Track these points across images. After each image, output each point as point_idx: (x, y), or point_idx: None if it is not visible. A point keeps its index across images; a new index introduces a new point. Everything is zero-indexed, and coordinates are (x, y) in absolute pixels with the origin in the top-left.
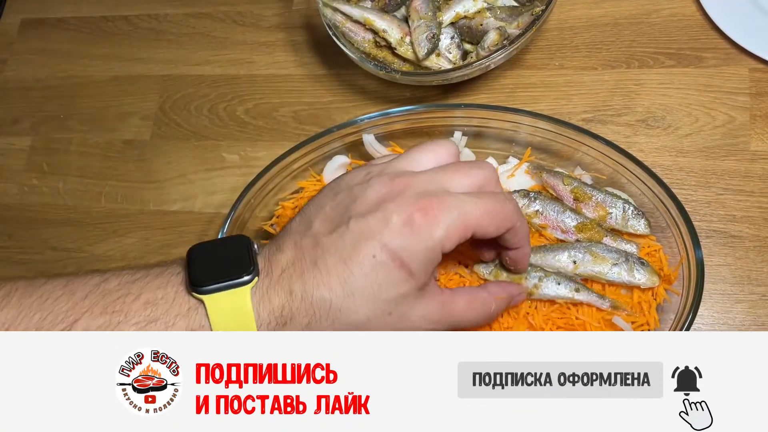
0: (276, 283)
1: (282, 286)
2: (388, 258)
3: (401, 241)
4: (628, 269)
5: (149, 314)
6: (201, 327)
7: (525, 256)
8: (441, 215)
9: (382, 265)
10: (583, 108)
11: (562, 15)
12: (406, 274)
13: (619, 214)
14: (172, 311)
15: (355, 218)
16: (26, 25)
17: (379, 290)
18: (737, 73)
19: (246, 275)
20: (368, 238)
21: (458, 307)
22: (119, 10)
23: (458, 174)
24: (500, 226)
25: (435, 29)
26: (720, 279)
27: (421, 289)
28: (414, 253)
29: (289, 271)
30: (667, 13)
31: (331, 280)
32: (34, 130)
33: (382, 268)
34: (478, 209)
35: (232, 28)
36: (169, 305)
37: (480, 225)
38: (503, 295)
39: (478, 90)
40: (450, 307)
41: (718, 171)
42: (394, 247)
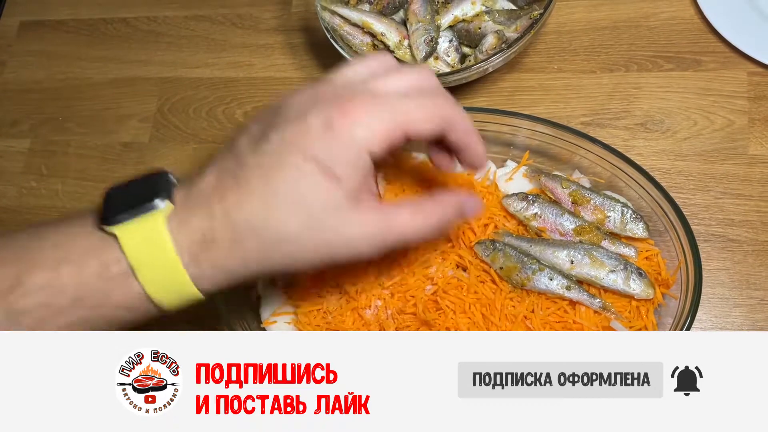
0: (195, 207)
1: (201, 209)
2: (311, 166)
3: (322, 146)
4: (625, 278)
5: (60, 255)
6: (117, 261)
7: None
8: (363, 115)
9: (306, 174)
10: (582, 111)
11: (561, 18)
12: (331, 181)
13: (618, 217)
14: (82, 248)
15: (276, 129)
16: (25, 27)
17: (305, 201)
18: (736, 77)
19: (156, 200)
20: (289, 147)
21: (401, 220)
22: (118, 12)
23: (390, 76)
24: (434, 123)
25: (433, 32)
26: (718, 283)
27: (354, 200)
28: (337, 158)
29: (209, 192)
30: (666, 16)
31: (253, 195)
32: (33, 132)
33: (304, 178)
34: (405, 105)
35: (230, 30)
36: (78, 243)
37: (410, 122)
38: (452, 202)
39: (477, 93)
40: (392, 220)
41: (716, 175)
42: (315, 153)
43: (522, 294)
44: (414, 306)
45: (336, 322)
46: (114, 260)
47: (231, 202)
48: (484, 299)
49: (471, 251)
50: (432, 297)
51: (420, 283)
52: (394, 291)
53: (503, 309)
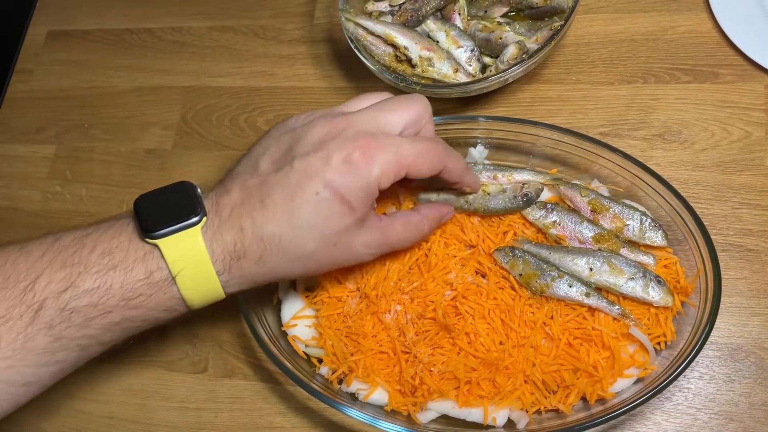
0: (226, 222)
1: (232, 224)
2: (330, 194)
3: (341, 178)
4: (644, 285)
5: (107, 262)
6: (159, 269)
7: (470, 184)
8: (377, 154)
9: (325, 201)
10: (600, 122)
11: (580, 31)
12: (347, 209)
13: (637, 225)
14: (129, 257)
15: (299, 157)
16: (52, 36)
17: (323, 224)
18: (753, 90)
19: (194, 216)
20: (312, 175)
21: (395, 232)
22: (143, 23)
23: (395, 109)
24: (432, 166)
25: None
26: (736, 292)
27: (362, 221)
28: (353, 189)
29: (238, 209)
30: (684, 29)
31: (278, 216)
32: (58, 138)
33: (325, 204)
34: (412, 150)
35: (253, 41)
36: (125, 252)
37: (413, 164)
38: (434, 215)
39: (496, 103)
40: (388, 233)
41: (734, 185)
42: (335, 184)
43: (541, 300)
44: (433, 311)
45: (356, 326)
46: (156, 268)
47: (258, 220)
48: (503, 305)
49: (490, 258)
50: (451, 302)
51: (439, 289)
52: (413, 296)
53: (522, 315)
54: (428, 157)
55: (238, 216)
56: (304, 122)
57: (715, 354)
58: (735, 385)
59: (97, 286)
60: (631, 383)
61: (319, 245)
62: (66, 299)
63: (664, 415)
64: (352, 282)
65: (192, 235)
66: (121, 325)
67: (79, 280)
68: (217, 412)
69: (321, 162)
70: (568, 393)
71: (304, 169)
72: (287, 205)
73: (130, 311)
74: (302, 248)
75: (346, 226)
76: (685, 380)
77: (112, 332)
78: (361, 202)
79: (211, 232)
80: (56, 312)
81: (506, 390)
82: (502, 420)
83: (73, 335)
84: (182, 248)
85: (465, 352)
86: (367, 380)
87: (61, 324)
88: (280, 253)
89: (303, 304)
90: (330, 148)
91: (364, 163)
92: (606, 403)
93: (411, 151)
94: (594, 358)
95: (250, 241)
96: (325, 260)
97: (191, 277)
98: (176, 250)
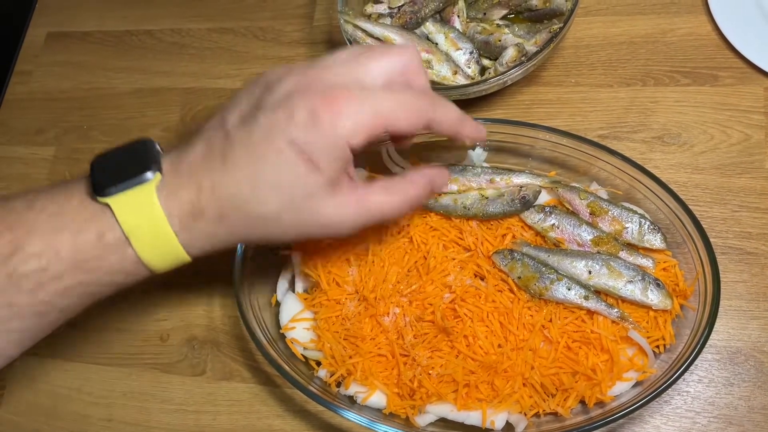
0: (184, 179)
1: (190, 181)
2: (293, 153)
3: (305, 135)
4: (643, 288)
5: (55, 224)
6: (110, 229)
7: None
8: (346, 108)
9: (287, 160)
10: (599, 125)
11: (579, 33)
12: (312, 169)
13: (636, 228)
14: (79, 218)
15: (264, 112)
16: (52, 37)
17: (286, 185)
18: (753, 93)
19: (148, 172)
20: (275, 132)
21: (375, 199)
22: (143, 24)
23: (375, 58)
24: (413, 121)
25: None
26: (735, 295)
27: (332, 185)
28: (319, 147)
29: (198, 165)
30: (683, 32)
31: (238, 174)
32: (58, 140)
33: (288, 163)
34: (389, 102)
35: (253, 43)
36: (75, 213)
37: (391, 119)
38: (422, 179)
39: (495, 106)
40: (366, 201)
41: (733, 188)
42: (299, 142)
43: (540, 303)
44: (432, 314)
45: (354, 329)
46: (108, 228)
47: (218, 178)
48: (502, 308)
49: (489, 260)
50: (450, 305)
51: (438, 291)
52: (412, 298)
53: (521, 318)
54: (410, 109)
55: (197, 173)
56: (278, 75)
57: (714, 357)
58: (734, 388)
59: (44, 249)
60: (629, 386)
61: (282, 207)
62: (14, 264)
63: (663, 419)
64: (351, 284)
65: (145, 192)
66: (77, 290)
67: (25, 244)
68: (216, 415)
69: (285, 117)
70: (566, 396)
71: (267, 125)
72: (248, 164)
73: (84, 275)
74: (264, 209)
75: (312, 188)
76: (684, 384)
77: (69, 298)
78: (328, 162)
79: (168, 190)
80: (4, 278)
81: (505, 393)
82: (500, 423)
83: (26, 302)
84: (135, 207)
85: (463, 355)
86: (365, 383)
87: (10, 290)
88: (240, 213)
89: (301, 306)
90: (295, 101)
91: (330, 117)
92: (605, 407)
93: (387, 103)
94: (593, 361)
95: (207, 200)
96: (291, 225)
97: (147, 237)
98: (129, 209)
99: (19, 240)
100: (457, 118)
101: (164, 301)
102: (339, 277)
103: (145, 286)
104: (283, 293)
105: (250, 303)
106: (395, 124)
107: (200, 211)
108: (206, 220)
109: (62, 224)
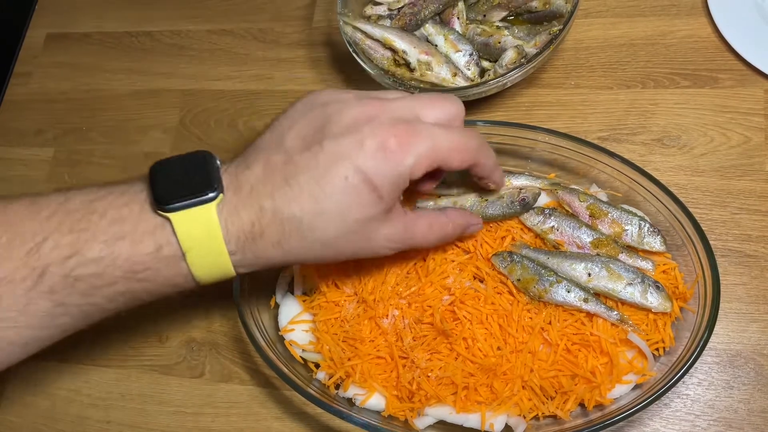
0: (245, 200)
1: (252, 203)
2: (360, 180)
3: (374, 165)
4: (642, 291)
5: (116, 232)
6: (168, 243)
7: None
8: (414, 143)
9: (353, 187)
10: (599, 127)
11: (579, 35)
12: (376, 197)
13: (635, 231)
14: (139, 228)
15: (330, 138)
16: (51, 39)
17: (348, 211)
18: (753, 95)
19: (210, 192)
20: (342, 159)
21: (420, 230)
22: (142, 25)
23: (431, 104)
24: (464, 160)
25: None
26: (735, 298)
27: (388, 212)
28: (385, 177)
29: (259, 187)
30: (683, 34)
31: (302, 198)
32: (57, 141)
33: (353, 190)
34: (447, 141)
35: (252, 44)
36: (135, 223)
37: (448, 156)
38: (461, 221)
39: (495, 108)
40: (412, 229)
41: (733, 191)
42: (366, 171)
43: (539, 306)
44: (431, 316)
45: (353, 331)
46: (166, 242)
47: (280, 200)
48: (501, 310)
49: (488, 263)
50: (449, 307)
51: (437, 294)
52: (411, 301)
53: (520, 320)
54: (463, 150)
55: (258, 195)
56: (336, 99)
57: (713, 360)
58: (734, 391)
59: (103, 256)
60: (629, 389)
61: (340, 232)
62: (71, 266)
63: (662, 422)
64: (350, 286)
65: (206, 211)
66: (126, 296)
67: (85, 248)
68: (214, 417)
69: (354, 146)
70: (566, 399)
71: (334, 152)
72: (313, 188)
73: (135, 284)
74: (323, 234)
75: (372, 215)
76: (683, 386)
77: (116, 302)
78: (390, 191)
79: (228, 209)
80: (60, 278)
81: (504, 396)
82: (499, 426)
83: (76, 302)
84: (195, 224)
85: (463, 357)
86: (364, 385)
87: (64, 290)
88: (299, 236)
89: (300, 308)
90: (364, 132)
91: (399, 150)
92: (604, 410)
93: (447, 142)
94: (592, 363)
95: (268, 222)
96: (344, 248)
97: (202, 254)
98: (188, 226)
99: (80, 243)
100: (495, 163)
101: (163, 302)
102: (338, 279)
103: None
104: (282, 295)
105: (248, 305)
106: (449, 160)
107: (260, 233)
108: (264, 242)
109: (122, 233)
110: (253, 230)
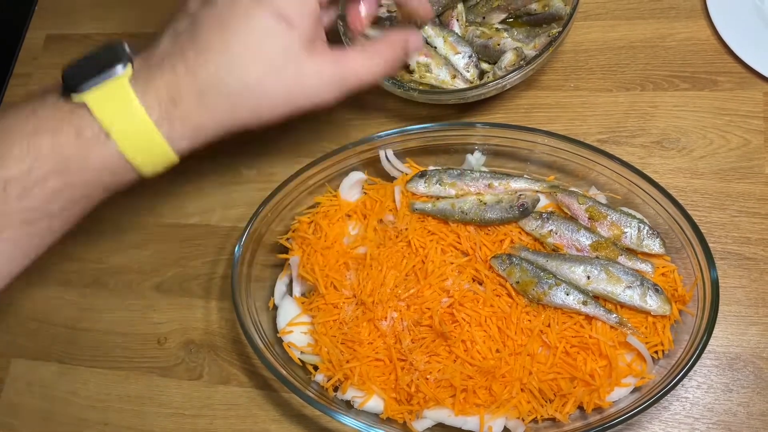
0: (157, 67)
1: (164, 68)
2: (263, 12)
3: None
4: (641, 294)
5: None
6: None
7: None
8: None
9: (259, 21)
10: (598, 129)
11: (578, 37)
12: (285, 25)
13: (634, 233)
14: (56, 117)
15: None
16: (51, 40)
17: (262, 46)
18: (752, 97)
19: (119, 65)
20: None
21: (353, 59)
22: (143, 27)
23: None
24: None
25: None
26: (734, 301)
27: (308, 46)
28: (288, 3)
29: (169, 52)
30: (682, 37)
31: (212, 48)
32: None
33: (259, 24)
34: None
35: None
36: (50, 114)
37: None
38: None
39: (494, 110)
40: (344, 60)
41: (732, 193)
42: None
43: (538, 308)
44: (430, 318)
45: (352, 333)
46: (86, 125)
47: (191, 58)
48: (500, 312)
49: (487, 265)
50: (448, 309)
51: (436, 296)
52: (410, 303)
53: (519, 323)
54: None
55: (170, 59)
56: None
57: (713, 363)
58: (733, 394)
59: (25, 152)
60: (628, 392)
61: (262, 72)
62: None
63: (661, 425)
64: (349, 288)
65: (119, 85)
66: (64, 193)
67: (5, 149)
68: (212, 419)
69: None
70: (564, 402)
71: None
72: (220, 35)
73: (69, 176)
74: (244, 78)
75: (290, 47)
76: (682, 389)
77: (57, 202)
78: (300, 16)
79: (142, 80)
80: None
81: (502, 398)
82: (498, 428)
83: (14, 208)
84: (109, 100)
85: (461, 359)
86: (362, 388)
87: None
88: (219, 88)
89: (299, 310)
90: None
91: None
92: (603, 412)
93: None
94: (591, 366)
95: (184, 81)
96: (274, 92)
97: (128, 132)
98: (103, 102)
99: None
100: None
101: (161, 304)
102: (337, 281)
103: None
104: (280, 297)
105: (247, 306)
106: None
107: (179, 97)
108: (186, 105)
109: (39, 126)
110: (171, 95)
